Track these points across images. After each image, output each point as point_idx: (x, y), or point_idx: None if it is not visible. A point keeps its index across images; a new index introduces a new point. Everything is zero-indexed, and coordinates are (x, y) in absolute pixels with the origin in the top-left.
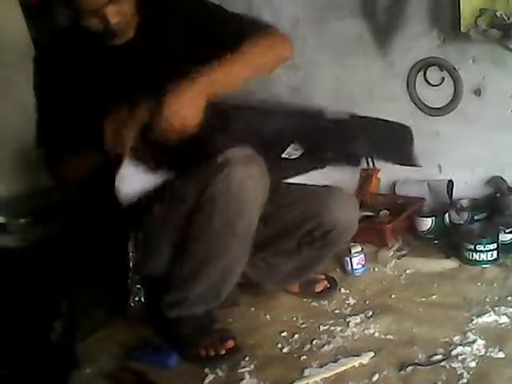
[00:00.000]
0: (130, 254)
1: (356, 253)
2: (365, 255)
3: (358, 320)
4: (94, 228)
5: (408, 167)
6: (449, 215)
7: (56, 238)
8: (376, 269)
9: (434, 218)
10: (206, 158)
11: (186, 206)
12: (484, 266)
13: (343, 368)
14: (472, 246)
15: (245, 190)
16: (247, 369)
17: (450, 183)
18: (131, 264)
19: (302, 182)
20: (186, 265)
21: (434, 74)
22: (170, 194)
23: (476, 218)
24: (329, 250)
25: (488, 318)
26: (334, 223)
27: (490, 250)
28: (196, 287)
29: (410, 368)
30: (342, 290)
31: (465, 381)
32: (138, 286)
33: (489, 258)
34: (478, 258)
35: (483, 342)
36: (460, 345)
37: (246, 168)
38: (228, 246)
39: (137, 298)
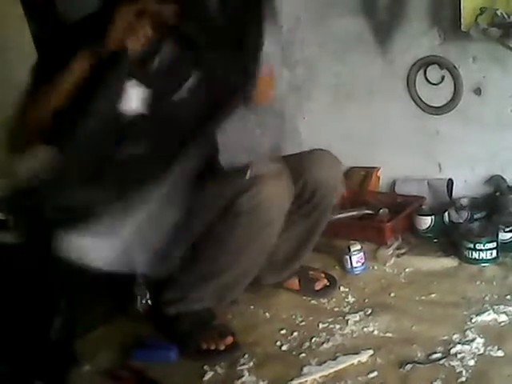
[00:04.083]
0: None
1: (355, 251)
2: (364, 253)
3: (357, 318)
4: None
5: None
6: (448, 214)
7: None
8: (375, 267)
9: (433, 217)
10: (235, 171)
11: (210, 216)
12: (483, 264)
13: (342, 366)
14: (471, 245)
15: (271, 210)
16: (246, 366)
17: (450, 182)
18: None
19: None
20: (196, 269)
21: (434, 73)
22: (196, 205)
23: (475, 216)
24: (318, 214)
25: (487, 317)
26: (318, 180)
27: (490, 249)
28: (201, 289)
29: (409, 366)
30: (342, 288)
31: (464, 379)
32: (145, 288)
33: (488, 257)
34: (477, 257)
35: (482, 340)
36: (459, 343)
37: (274, 187)
38: (244, 257)
39: (144, 301)
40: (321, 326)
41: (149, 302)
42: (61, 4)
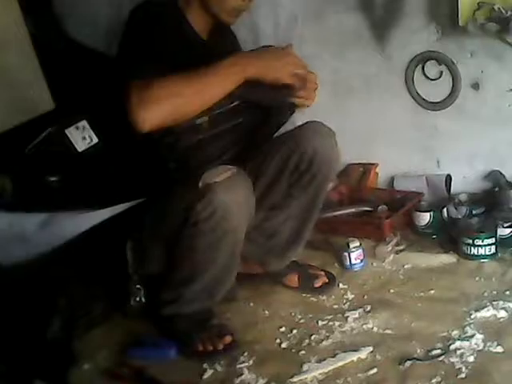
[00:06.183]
0: (129, 256)
1: (354, 248)
2: (363, 250)
3: (357, 315)
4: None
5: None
6: (447, 210)
7: None
8: (374, 264)
9: (432, 213)
10: (190, 175)
11: (172, 223)
12: (482, 260)
13: (342, 363)
14: (470, 241)
15: (228, 218)
16: (246, 364)
17: (449, 178)
18: (130, 265)
19: None
20: (177, 271)
21: (432, 68)
22: (158, 210)
23: (474, 212)
24: (317, 184)
25: (486, 313)
26: (315, 148)
27: (489, 245)
28: (190, 289)
29: (409, 363)
30: (341, 285)
31: (463, 375)
32: (138, 286)
33: (487, 253)
34: (476, 253)
35: (482, 336)
36: (458, 339)
37: (227, 194)
38: (215, 260)
39: (137, 299)
40: (320, 323)
41: (142, 299)
42: (57, 5)
